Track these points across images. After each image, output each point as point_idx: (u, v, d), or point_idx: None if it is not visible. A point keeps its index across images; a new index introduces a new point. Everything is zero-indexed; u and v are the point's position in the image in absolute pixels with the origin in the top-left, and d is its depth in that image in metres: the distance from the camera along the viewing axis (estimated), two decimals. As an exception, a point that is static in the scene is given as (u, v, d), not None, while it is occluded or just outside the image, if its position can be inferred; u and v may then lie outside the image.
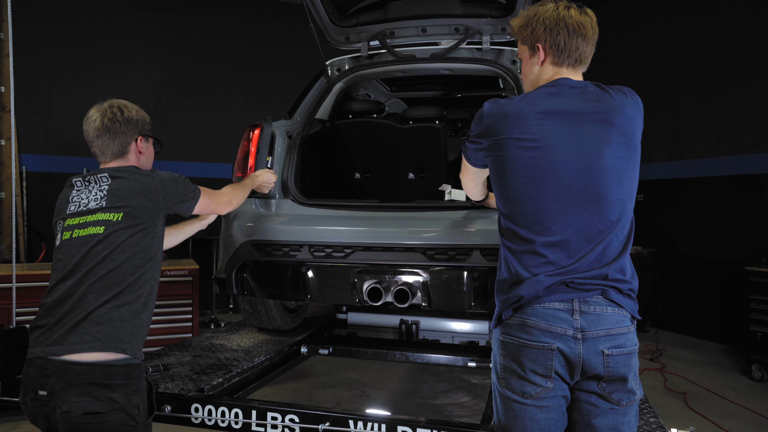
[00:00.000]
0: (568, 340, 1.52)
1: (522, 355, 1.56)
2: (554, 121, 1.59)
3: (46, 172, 6.90)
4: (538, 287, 1.54)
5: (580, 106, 1.61)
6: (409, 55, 3.41)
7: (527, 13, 1.71)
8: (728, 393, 4.73)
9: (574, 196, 1.56)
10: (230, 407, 2.19)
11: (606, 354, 1.52)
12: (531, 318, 1.55)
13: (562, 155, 1.57)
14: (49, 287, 1.91)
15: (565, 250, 1.55)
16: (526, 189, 1.59)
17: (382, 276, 2.72)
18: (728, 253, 6.36)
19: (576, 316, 1.53)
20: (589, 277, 1.54)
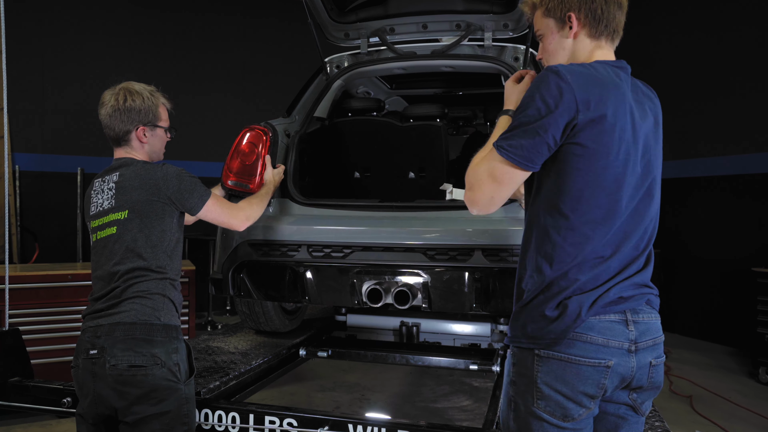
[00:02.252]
0: (623, 353, 1.43)
1: (571, 373, 1.42)
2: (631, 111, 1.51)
3: (39, 171, 6.90)
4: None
5: (641, 99, 1.57)
6: (409, 52, 3.41)
7: None
8: (735, 396, 4.72)
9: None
10: (227, 411, 2.19)
11: (653, 365, 1.48)
12: (587, 333, 1.42)
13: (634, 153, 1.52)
14: (93, 277, 2.12)
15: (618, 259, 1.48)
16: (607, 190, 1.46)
17: (382, 277, 2.72)
18: (735, 254, 6.36)
19: (631, 327, 1.45)
20: (636, 284, 1.50)
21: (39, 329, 4.26)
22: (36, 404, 2.37)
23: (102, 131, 2.27)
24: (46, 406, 2.35)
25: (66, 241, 6.97)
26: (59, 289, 4.35)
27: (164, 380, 1.93)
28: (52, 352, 4.27)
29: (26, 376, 2.58)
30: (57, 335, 4.30)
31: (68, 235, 6.98)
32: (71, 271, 4.53)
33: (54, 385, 2.37)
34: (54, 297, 4.32)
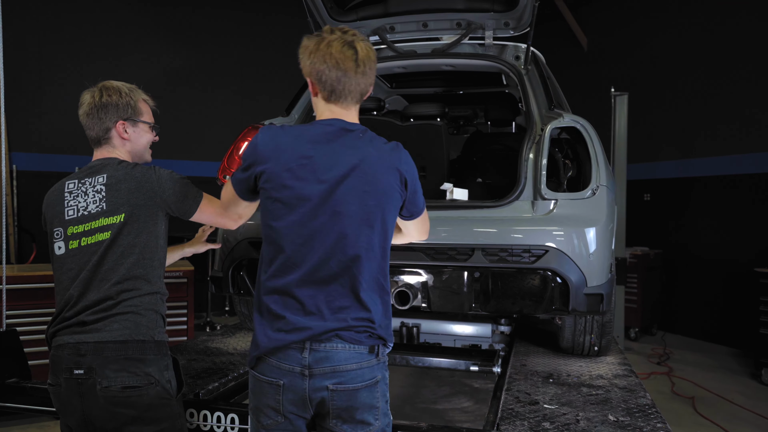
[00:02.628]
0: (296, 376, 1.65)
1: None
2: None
3: (36, 171, 6.90)
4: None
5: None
6: (409, 51, 3.41)
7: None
8: (737, 398, 4.72)
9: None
10: (226, 412, 2.19)
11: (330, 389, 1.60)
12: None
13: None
14: (62, 288, 1.99)
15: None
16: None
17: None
18: (737, 254, 6.36)
19: (305, 354, 1.64)
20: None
21: (36, 330, 4.25)
22: (33, 405, 2.36)
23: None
24: (44, 407, 2.35)
25: (64, 241, 6.97)
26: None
27: (158, 399, 1.87)
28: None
29: (23, 377, 2.58)
30: (54, 336, 4.30)
31: (66, 235, 6.98)
32: (69, 271, 4.52)
33: (51, 386, 2.36)
34: (52, 297, 4.31)
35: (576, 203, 2.56)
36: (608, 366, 2.88)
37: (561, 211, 2.55)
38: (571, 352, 3.08)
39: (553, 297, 2.49)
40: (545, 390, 2.47)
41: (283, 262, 1.62)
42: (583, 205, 2.55)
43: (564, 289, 2.47)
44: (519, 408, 2.24)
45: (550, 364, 2.93)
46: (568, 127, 2.70)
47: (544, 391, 2.46)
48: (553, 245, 2.46)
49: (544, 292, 2.50)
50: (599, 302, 2.51)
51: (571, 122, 2.69)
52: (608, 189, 2.63)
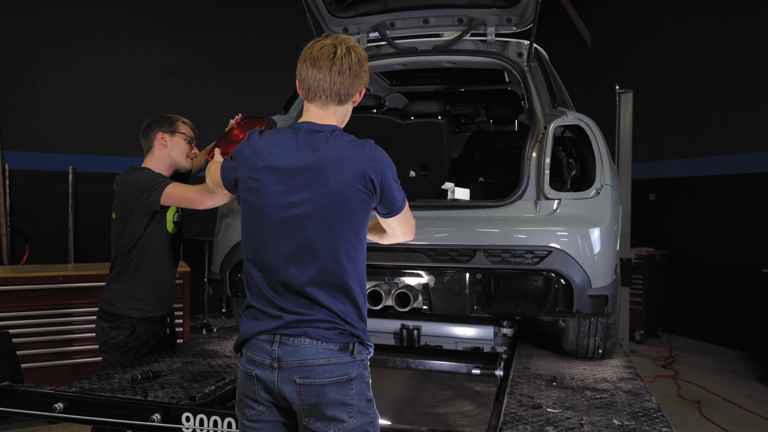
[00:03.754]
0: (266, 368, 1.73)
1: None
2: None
3: (29, 170, 6.90)
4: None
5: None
6: (410, 48, 3.41)
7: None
8: (744, 401, 4.73)
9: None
10: (223, 416, 2.19)
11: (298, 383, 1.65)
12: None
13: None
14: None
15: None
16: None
17: (382, 278, 2.72)
18: (745, 255, 6.36)
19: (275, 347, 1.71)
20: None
21: (29, 332, 4.25)
22: (26, 409, 2.36)
23: (94, 130, 2.37)
24: (37, 411, 2.35)
25: (57, 241, 6.97)
26: (50, 291, 4.35)
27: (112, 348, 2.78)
28: (43, 355, 4.27)
29: (16, 381, 2.58)
30: (48, 338, 4.30)
31: (60, 235, 6.97)
32: (62, 272, 4.52)
33: (45, 390, 2.37)
34: (45, 299, 4.32)
35: (580, 203, 2.56)
36: (613, 369, 2.87)
37: (564, 211, 2.55)
38: (574, 354, 3.08)
39: (556, 299, 2.49)
40: (548, 393, 2.47)
41: (253, 262, 1.74)
42: (587, 205, 2.55)
43: (568, 290, 2.47)
44: (522, 412, 2.24)
45: (554, 367, 2.93)
46: (572, 125, 2.70)
47: (548, 394, 2.46)
48: (556, 246, 2.46)
49: (547, 293, 2.50)
50: (604, 304, 2.51)
51: (574, 120, 2.69)
52: (613, 188, 2.63)
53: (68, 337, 4.34)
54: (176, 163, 2.87)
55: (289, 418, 1.73)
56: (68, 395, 2.32)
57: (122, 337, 2.75)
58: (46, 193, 6.95)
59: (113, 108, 7.35)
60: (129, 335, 2.76)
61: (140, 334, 2.79)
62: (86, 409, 2.29)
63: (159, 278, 2.82)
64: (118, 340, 2.75)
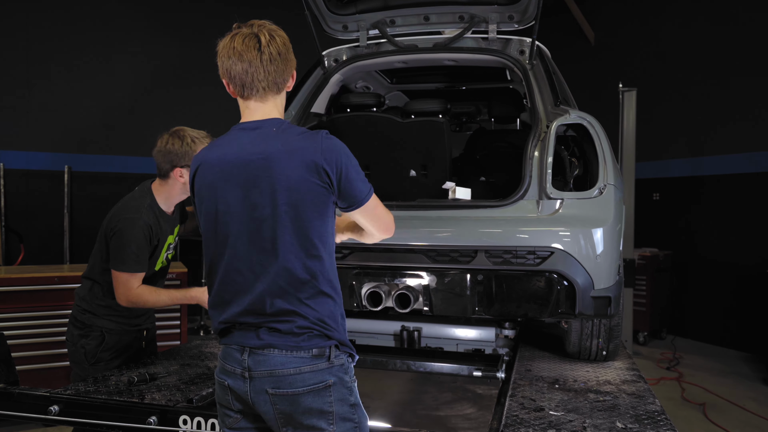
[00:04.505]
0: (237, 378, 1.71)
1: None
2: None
3: (25, 170, 6.90)
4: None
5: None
6: (410, 45, 3.41)
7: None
8: (749, 404, 4.73)
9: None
10: (220, 419, 2.19)
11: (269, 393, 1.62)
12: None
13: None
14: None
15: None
16: None
17: (382, 279, 2.71)
18: (750, 256, 6.36)
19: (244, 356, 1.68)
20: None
21: (24, 334, 4.26)
22: (21, 412, 2.36)
23: (90, 129, 2.33)
24: (32, 414, 2.35)
25: (53, 242, 6.97)
26: (45, 292, 4.35)
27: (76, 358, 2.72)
28: (39, 357, 4.27)
29: (11, 383, 2.58)
30: (43, 340, 4.30)
31: (55, 235, 6.98)
32: (58, 273, 4.53)
33: (40, 393, 2.37)
34: (40, 300, 4.33)
35: (582, 203, 2.56)
36: (616, 371, 2.88)
37: (567, 211, 2.55)
38: (577, 356, 3.08)
39: (559, 300, 2.49)
40: (551, 396, 2.47)
41: (212, 276, 1.73)
42: (590, 205, 2.55)
43: (570, 291, 2.47)
44: (524, 415, 2.24)
45: (556, 369, 2.93)
46: (575, 124, 2.70)
47: (550, 397, 2.46)
48: (559, 246, 2.46)
49: (549, 295, 2.49)
50: (607, 305, 2.51)
51: (577, 119, 2.68)
52: (616, 188, 2.63)
53: (64, 339, 4.33)
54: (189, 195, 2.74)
55: (264, 422, 1.70)
56: (64, 398, 2.32)
57: (91, 347, 2.65)
58: (41, 193, 6.95)
59: (109, 107, 7.35)
60: (98, 345, 2.66)
61: (110, 344, 2.69)
62: (82, 411, 2.29)
63: (129, 309, 2.68)
64: (86, 350, 2.65)
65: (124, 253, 2.52)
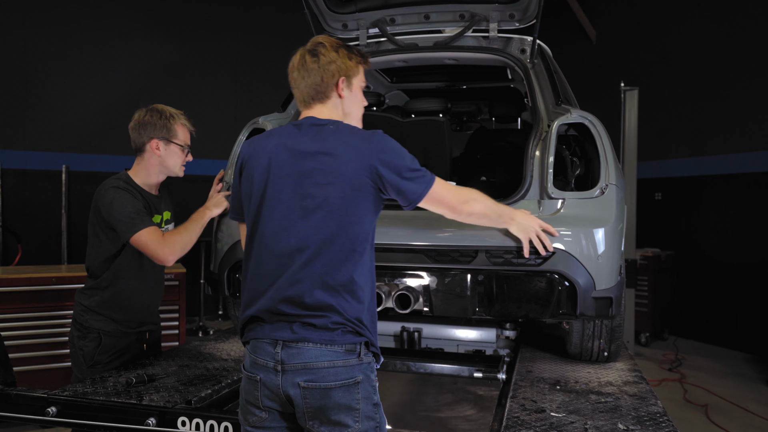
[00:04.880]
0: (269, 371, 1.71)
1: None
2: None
3: (22, 169, 6.90)
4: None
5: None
6: (410, 44, 3.41)
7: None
8: (752, 405, 4.73)
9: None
10: (219, 421, 2.19)
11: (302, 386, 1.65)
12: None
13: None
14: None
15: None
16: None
17: (382, 279, 2.71)
18: (752, 256, 6.36)
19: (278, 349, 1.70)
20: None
21: (22, 335, 4.26)
22: (18, 413, 2.36)
23: (88, 128, 2.34)
24: (30, 415, 2.35)
25: (50, 242, 6.97)
26: (43, 292, 4.36)
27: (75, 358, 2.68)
28: (36, 358, 4.27)
29: (8, 384, 2.58)
30: (41, 341, 4.31)
31: (53, 236, 6.98)
32: (55, 273, 4.53)
33: (38, 394, 2.37)
34: (37, 301, 4.33)
35: (584, 203, 2.56)
36: (618, 372, 2.88)
37: (568, 211, 2.55)
38: (579, 357, 3.08)
39: (560, 301, 2.49)
40: (552, 397, 2.47)
41: (249, 261, 1.78)
42: (592, 205, 2.55)
43: (571, 292, 2.47)
44: (525, 416, 2.24)
45: (557, 370, 2.93)
46: (576, 123, 2.70)
47: (551, 398, 2.46)
48: (560, 247, 2.46)
49: (550, 295, 2.49)
50: (608, 306, 2.51)
51: (579, 118, 2.69)
52: (618, 188, 2.63)
53: (61, 340, 4.34)
54: (169, 171, 2.74)
55: (293, 423, 1.72)
56: (61, 399, 2.32)
57: (89, 349, 2.64)
58: (38, 193, 6.96)
59: (107, 106, 7.36)
60: (96, 347, 2.64)
61: (108, 347, 2.67)
62: (80, 413, 2.29)
63: (131, 301, 2.69)
64: (84, 351, 2.64)
65: (125, 215, 2.51)
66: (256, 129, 3.09)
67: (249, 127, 3.10)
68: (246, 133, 3.09)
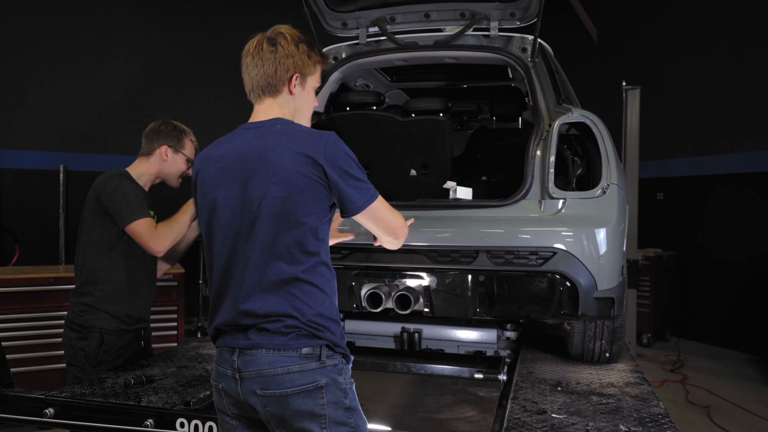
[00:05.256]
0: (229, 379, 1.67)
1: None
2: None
3: (19, 169, 6.90)
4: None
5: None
6: (411, 43, 3.41)
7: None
8: (754, 406, 4.73)
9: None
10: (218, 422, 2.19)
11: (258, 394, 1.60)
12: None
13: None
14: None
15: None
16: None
17: (382, 280, 2.71)
18: (755, 256, 6.36)
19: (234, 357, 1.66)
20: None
21: (19, 335, 4.25)
22: (16, 415, 2.36)
23: (86, 127, 2.35)
24: (27, 416, 2.35)
25: (48, 242, 6.97)
26: (40, 293, 4.35)
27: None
28: (34, 359, 4.27)
29: (5, 385, 2.58)
30: (38, 342, 4.30)
31: (50, 236, 6.97)
32: (53, 274, 4.53)
33: (35, 395, 2.37)
34: (35, 301, 4.32)
35: (585, 203, 2.56)
36: (619, 373, 2.88)
37: (570, 211, 2.55)
38: (580, 358, 3.08)
39: (561, 301, 2.49)
40: (553, 399, 2.47)
41: (210, 274, 1.74)
42: (593, 205, 2.55)
43: (573, 293, 2.47)
44: (526, 417, 2.24)
45: (559, 371, 2.93)
46: (577, 122, 2.70)
47: (552, 399, 2.46)
48: (561, 247, 2.46)
49: (552, 296, 2.49)
50: (610, 307, 2.51)
51: (580, 118, 2.68)
52: (619, 188, 2.63)
53: (59, 341, 4.32)
54: (166, 178, 2.92)
55: (263, 429, 1.68)
56: (59, 400, 2.32)
57: (91, 348, 2.67)
58: (36, 193, 6.95)
59: (106, 105, 7.36)
60: (98, 346, 2.68)
61: (110, 345, 2.72)
62: (77, 414, 2.29)
63: (130, 292, 2.75)
64: (87, 352, 2.67)
65: (127, 202, 2.64)
66: None
67: None
68: None
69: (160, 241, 2.65)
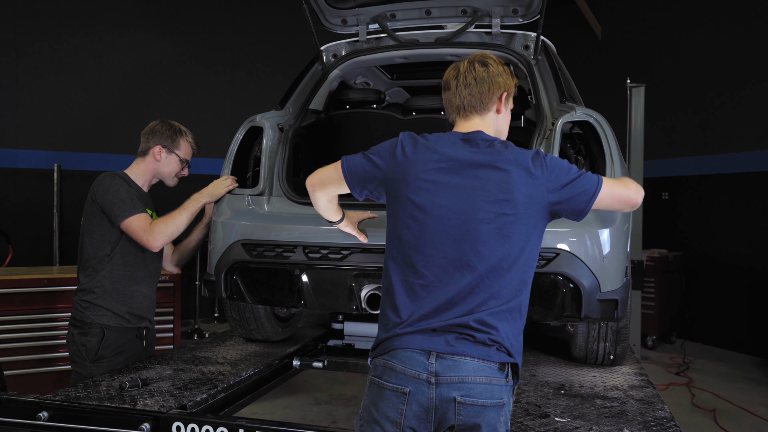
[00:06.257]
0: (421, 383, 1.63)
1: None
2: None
3: (13, 168, 6.90)
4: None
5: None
6: (411, 40, 3.41)
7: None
8: (761, 410, 4.73)
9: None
10: (215, 426, 2.19)
11: (458, 402, 1.60)
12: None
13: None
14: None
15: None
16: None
17: (379, 282, 2.71)
18: (762, 257, 6.37)
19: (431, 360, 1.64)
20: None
21: (12, 338, 4.26)
22: (9, 418, 2.36)
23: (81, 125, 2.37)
24: (21, 419, 2.35)
25: (42, 243, 6.97)
26: (34, 294, 4.36)
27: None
28: (27, 362, 4.27)
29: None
30: (32, 344, 4.30)
31: (44, 236, 6.98)
32: (47, 275, 4.53)
33: (29, 398, 2.37)
34: (29, 303, 4.33)
35: (589, 202, 2.56)
36: (624, 376, 2.88)
37: (573, 211, 2.55)
38: (584, 361, 3.08)
39: (564, 303, 2.49)
40: (556, 402, 2.47)
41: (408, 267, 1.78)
42: (597, 205, 2.55)
43: (576, 294, 2.48)
44: (528, 421, 2.24)
45: (562, 374, 2.93)
46: (581, 121, 2.71)
47: (556, 403, 2.46)
48: (564, 247, 2.47)
49: (554, 297, 2.50)
50: (614, 308, 2.51)
51: (583, 116, 2.69)
52: (623, 187, 2.63)
53: (53, 343, 4.35)
54: (162, 178, 2.99)
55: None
56: (53, 404, 2.32)
57: (92, 344, 2.75)
58: (30, 192, 6.96)
59: (101, 102, 7.36)
60: (99, 342, 2.76)
61: (111, 341, 2.79)
62: (72, 418, 2.29)
63: (131, 289, 2.84)
64: (87, 347, 2.75)
65: (120, 199, 2.71)
66: (254, 127, 3.09)
67: (246, 126, 3.10)
68: (243, 131, 3.09)
69: (155, 236, 2.73)
